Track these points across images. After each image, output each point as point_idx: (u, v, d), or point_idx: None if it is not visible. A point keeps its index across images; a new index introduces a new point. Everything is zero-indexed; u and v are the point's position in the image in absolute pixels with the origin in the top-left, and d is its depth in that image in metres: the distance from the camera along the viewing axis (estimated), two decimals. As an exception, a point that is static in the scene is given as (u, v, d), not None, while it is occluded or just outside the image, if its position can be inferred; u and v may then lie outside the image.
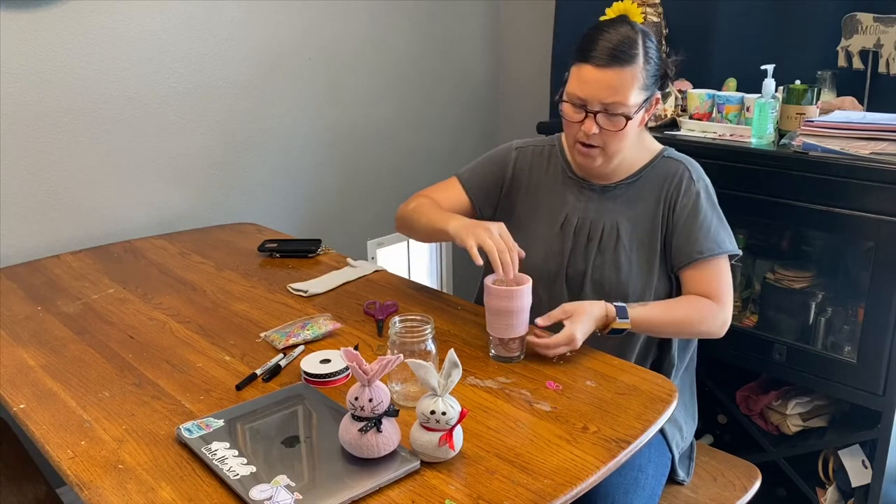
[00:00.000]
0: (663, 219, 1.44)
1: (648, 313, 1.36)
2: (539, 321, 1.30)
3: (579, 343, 1.27)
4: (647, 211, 1.45)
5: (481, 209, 1.58)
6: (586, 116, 1.36)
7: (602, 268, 1.44)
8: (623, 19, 1.41)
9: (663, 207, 1.44)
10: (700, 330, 1.41)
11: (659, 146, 1.51)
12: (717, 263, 1.42)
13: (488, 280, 1.29)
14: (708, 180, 1.48)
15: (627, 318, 1.32)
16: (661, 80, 1.43)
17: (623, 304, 1.34)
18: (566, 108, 1.40)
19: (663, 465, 1.42)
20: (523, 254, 1.30)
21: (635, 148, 1.46)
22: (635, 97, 1.35)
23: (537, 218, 1.52)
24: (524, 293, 1.27)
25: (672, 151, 1.50)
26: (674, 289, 1.46)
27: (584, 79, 1.35)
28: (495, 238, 1.28)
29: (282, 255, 1.84)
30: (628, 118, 1.35)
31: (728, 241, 1.43)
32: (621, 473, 1.28)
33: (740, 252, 1.45)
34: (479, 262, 1.27)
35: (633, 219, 1.45)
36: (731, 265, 1.43)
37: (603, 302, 1.34)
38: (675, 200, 1.43)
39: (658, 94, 1.43)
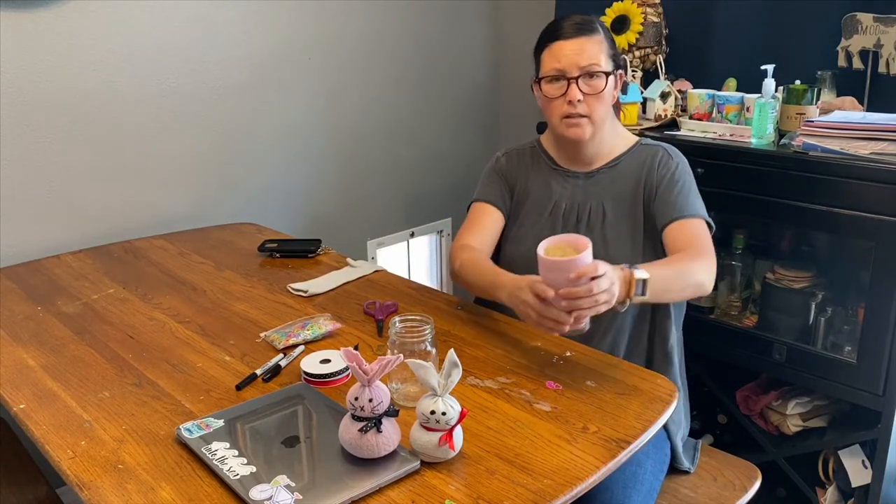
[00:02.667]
0: (644, 193, 1.50)
1: (655, 266, 1.32)
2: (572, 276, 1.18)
3: (615, 293, 1.19)
4: (628, 189, 1.51)
5: (508, 212, 1.61)
6: (568, 86, 1.44)
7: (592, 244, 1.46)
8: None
9: (644, 183, 1.50)
10: (697, 279, 1.36)
11: (635, 137, 1.59)
12: (698, 223, 1.45)
13: (541, 251, 1.18)
14: (685, 160, 1.53)
15: (642, 269, 1.26)
16: (622, 63, 1.53)
17: (631, 266, 1.28)
18: (546, 88, 1.48)
19: (662, 460, 1.43)
20: (569, 316, 1.19)
21: (613, 134, 1.55)
22: (606, 63, 1.46)
23: (529, 210, 1.58)
24: (584, 261, 1.14)
25: (648, 140, 1.58)
26: None
27: (558, 52, 1.45)
28: (533, 312, 1.21)
29: (282, 255, 1.84)
30: (608, 75, 1.44)
31: (702, 211, 1.47)
32: (620, 469, 1.28)
33: (714, 226, 1.46)
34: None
35: (616, 198, 1.52)
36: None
37: (619, 266, 1.26)
38: (654, 174, 1.50)
39: (621, 72, 1.52)
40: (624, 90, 1.74)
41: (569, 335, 1.24)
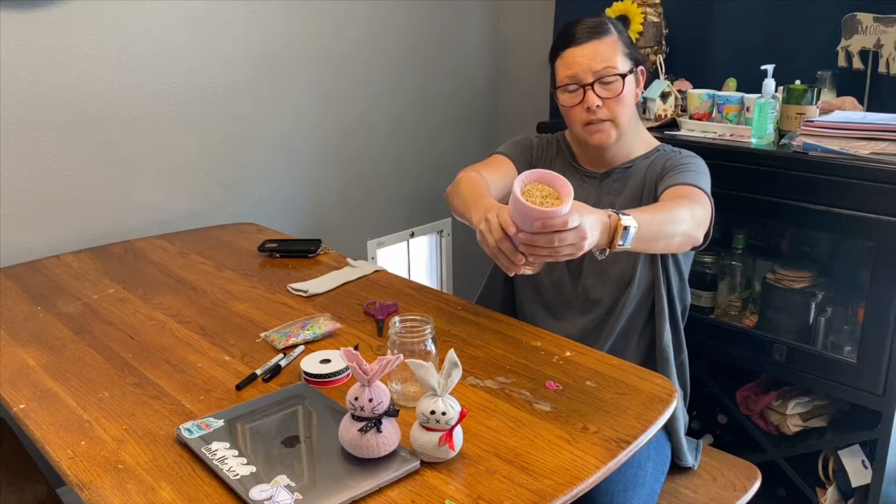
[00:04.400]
0: (650, 187, 1.47)
1: (642, 211, 1.25)
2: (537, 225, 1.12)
3: (588, 234, 1.11)
4: (636, 189, 1.50)
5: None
6: (585, 93, 1.42)
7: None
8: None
9: (649, 179, 1.48)
10: (686, 227, 1.30)
11: (656, 142, 1.57)
12: (693, 188, 1.37)
13: (517, 186, 1.11)
14: (701, 159, 1.50)
15: (630, 216, 1.20)
16: (641, 59, 1.50)
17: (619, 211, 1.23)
18: (563, 98, 1.46)
19: (663, 462, 1.43)
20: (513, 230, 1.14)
21: (634, 136, 1.52)
22: (622, 63, 1.43)
23: None
24: (557, 215, 1.08)
25: (668, 146, 1.56)
26: (659, 268, 1.47)
27: (571, 59, 1.43)
28: (491, 238, 1.17)
29: (282, 255, 1.84)
30: (624, 77, 1.41)
31: (704, 186, 1.39)
32: (621, 471, 1.28)
33: (713, 205, 1.40)
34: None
35: (626, 198, 1.51)
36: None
37: (605, 212, 1.20)
38: (660, 168, 1.48)
39: (642, 68, 1.49)
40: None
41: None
